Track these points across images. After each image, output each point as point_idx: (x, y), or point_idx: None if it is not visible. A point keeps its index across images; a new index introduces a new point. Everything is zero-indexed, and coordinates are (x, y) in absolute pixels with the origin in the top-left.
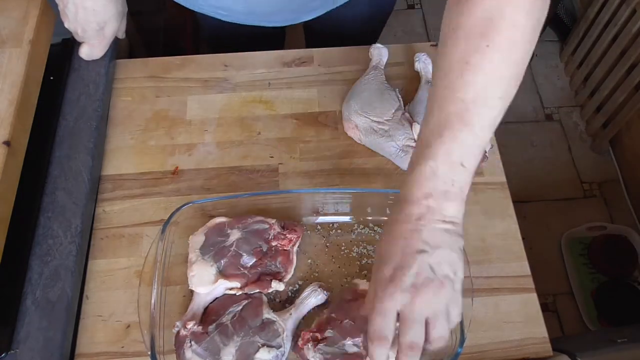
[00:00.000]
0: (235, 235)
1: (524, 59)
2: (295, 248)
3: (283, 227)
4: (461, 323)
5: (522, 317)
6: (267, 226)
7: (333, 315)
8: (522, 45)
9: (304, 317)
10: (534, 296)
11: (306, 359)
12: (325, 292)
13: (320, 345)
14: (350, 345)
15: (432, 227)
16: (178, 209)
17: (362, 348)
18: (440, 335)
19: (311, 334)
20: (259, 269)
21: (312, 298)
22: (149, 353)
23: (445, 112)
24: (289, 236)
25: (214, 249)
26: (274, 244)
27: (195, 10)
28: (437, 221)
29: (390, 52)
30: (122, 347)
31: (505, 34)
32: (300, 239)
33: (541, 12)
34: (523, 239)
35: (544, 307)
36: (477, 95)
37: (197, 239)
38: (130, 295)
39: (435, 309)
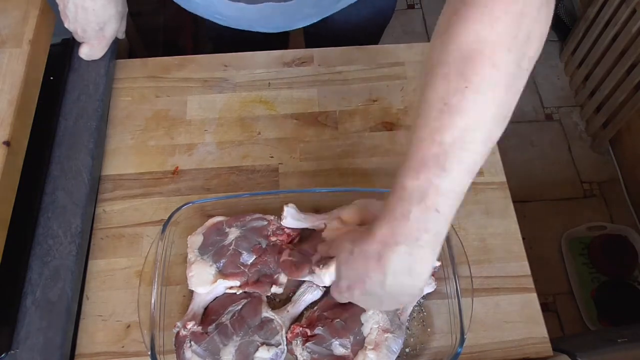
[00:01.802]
0: (234, 233)
1: (509, 98)
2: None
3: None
4: (461, 323)
5: (522, 317)
6: (265, 223)
7: (325, 313)
8: (504, 85)
9: (301, 314)
10: (534, 296)
11: (294, 354)
12: (321, 287)
13: (309, 344)
14: (337, 345)
15: (393, 279)
16: (178, 209)
17: (349, 350)
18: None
19: (301, 328)
20: (259, 266)
21: (308, 294)
22: (149, 353)
23: (422, 153)
24: (287, 231)
25: (212, 248)
26: (273, 239)
27: (196, 13)
28: (402, 272)
29: (390, 52)
30: (122, 347)
31: (484, 74)
32: (299, 235)
33: (525, 45)
34: (523, 239)
35: (544, 307)
36: (455, 138)
37: (196, 239)
38: (130, 295)
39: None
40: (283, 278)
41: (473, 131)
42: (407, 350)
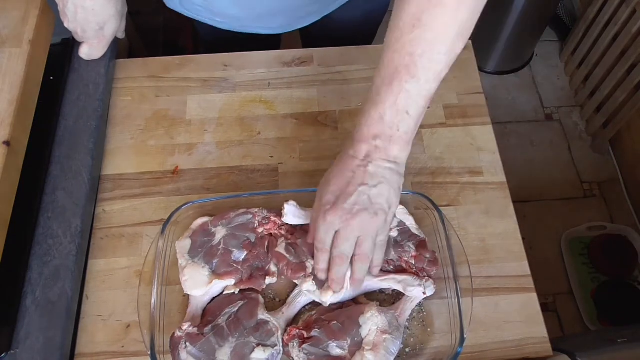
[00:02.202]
0: (220, 232)
1: (471, 18)
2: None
3: (268, 212)
4: (461, 323)
5: (522, 317)
6: (250, 216)
7: (323, 316)
8: (469, 5)
9: (299, 315)
10: (534, 296)
11: (290, 356)
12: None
13: (305, 345)
14: (334, 347)
15: (377, 164)
16: (178, 209)
17: (346, 351)
18: (365, 252)
19: (297, 330)
20: (251, 262)
21: (303, 296)
22: (149, 353)
23: (396, 64)
24: (273, 219)
25: (202, 250)
26: (260, 230)
27: (194, 18)
28: (382, 160)
29: None
30: (122, 347)
31: None
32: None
33: None
34: (523, 239)
35: (544, 307)
36: (424, 50)
37: (184, 244)
38: (130, 295)
39: (365, 232)
40: (274, 267)
41: (440, 44)
42: (407, 350)
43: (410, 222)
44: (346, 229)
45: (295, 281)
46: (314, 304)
